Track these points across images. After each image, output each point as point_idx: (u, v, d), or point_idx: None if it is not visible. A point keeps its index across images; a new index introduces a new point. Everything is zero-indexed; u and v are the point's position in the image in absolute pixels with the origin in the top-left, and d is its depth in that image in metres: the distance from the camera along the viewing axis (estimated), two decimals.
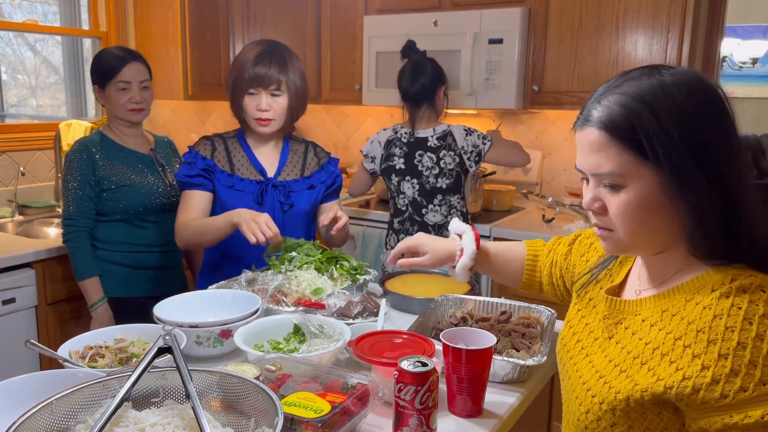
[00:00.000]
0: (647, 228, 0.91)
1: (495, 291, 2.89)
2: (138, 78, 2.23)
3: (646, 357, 0.90)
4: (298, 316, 1.41)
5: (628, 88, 0.89)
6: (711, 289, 0.87)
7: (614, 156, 0.88)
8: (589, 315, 1.09)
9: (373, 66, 3.19)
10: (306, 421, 1.00)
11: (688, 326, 0.87)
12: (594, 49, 2.79)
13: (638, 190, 0.88)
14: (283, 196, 1.94)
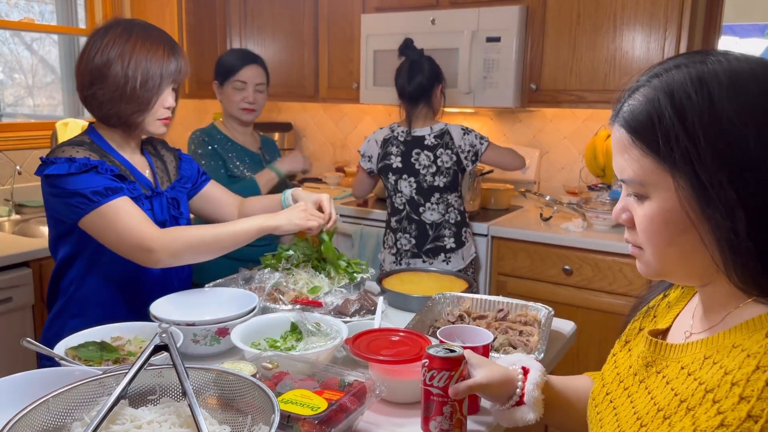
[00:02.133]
0: (677, 250, 0.76)
1: (493, 289, 2.90)
2: (254, 80, 2.40)
3: (671, 411, 0.75)
4: (295, 315, 1.41)
5: (663, 77, 0.75)
6: (765, 334, 0.71)
7: (636, 160, 0.75)
8: (625, 361, 0.93)
9: (371, 64, 3.19)
10: (303, 419, 1.00)
11: (723, 377, 0.70)
12: (592, 46, 2.79)
13: (661, 203, 0.74)
14: (175, 210, 1.66)
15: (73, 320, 1.54)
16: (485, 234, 2.88)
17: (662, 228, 0.75)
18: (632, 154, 0.75)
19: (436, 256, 2.66)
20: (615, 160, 0.80)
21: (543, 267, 2.76)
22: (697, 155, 0.70)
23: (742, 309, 0.76)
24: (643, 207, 0.76)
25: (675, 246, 0.75)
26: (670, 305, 0.94)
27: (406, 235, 2.68)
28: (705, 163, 0.70)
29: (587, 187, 3.09)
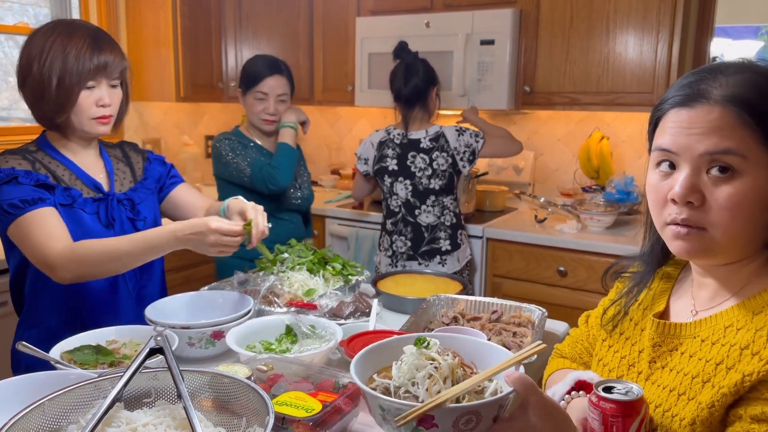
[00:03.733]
0: (751, 228, 0.83)
1: (488, 291, 2.91)
2: (276, 91, 2.41)
3: (708, 375, 0.84)
4: (290, 317, 1.42)
5: (756, 67, 0.84)
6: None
7: (739, 135, 0.80)
8: (624, 348, 1.01)
9: (366, 67, 3.20)
10: (297, 420, 1.01)
11: (756, 334, 0.81)
12: (585, 49, 2.81)
13: (755, 180, 0.80)
14: (130, 212, 1.58)
15: (30, 331, 1.53)
16: (480, 236, 2.89)
17: (751, 206, 0.81)
18: (736, 132, 0.80)
19: (431, 259, 2.67)
20: (696, 137, 0.82)
21: (538, 269, 2.77)
22: None
23: (754, 283, 0.86)
24: (732, 185, 0.80)
25: (751, 224, 0.82)
26: (654, 291, 1.02)
27: (401, 237, 2.69)
28: None
29: (581, 189, 3.10)
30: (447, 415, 0.79)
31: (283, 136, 2.43)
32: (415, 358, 0.87)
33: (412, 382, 0.85)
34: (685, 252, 0.87)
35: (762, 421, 0.77)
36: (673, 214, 0.85)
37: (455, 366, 0.87)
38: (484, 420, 0.81)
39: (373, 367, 0.94)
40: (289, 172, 2.38)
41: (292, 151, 2.42)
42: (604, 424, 0.86)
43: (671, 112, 0.86)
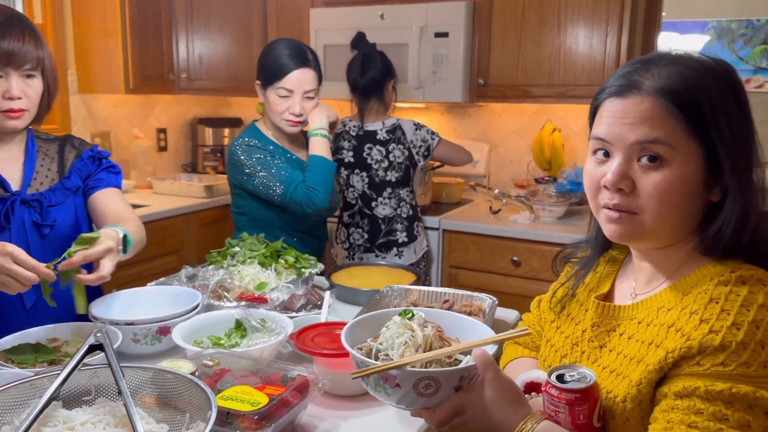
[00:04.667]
0: (679, 214, 0.86)
1: (445, 282, 2.93)
2: (304, 87, 2.01)
3: (642, 354, 0.87)
4: (240, 311, 1.40)
5: (687, 60, 0.86)
6: (709, 279, 0.85)
7: (668, 126, 0.83)
8: (570, 329, 1.05)
9: (321, 59, 3.16)
10: (242, 415, 0.99)
11: (681, 312, 0.84)
12: (537, 42, 2.84)
13: (682, 169, 0.84)
14: (37, 215, 1.45)
15: None
16: (437, 227, 2.90)
17: (678, 192, 0.84)
18: (665, 121, 0.83)
19: (388, 251, 2.67)
20: (628, 127, 0.85)
21: (492, 259, 2.80)
22: (729, 128, 0.83)
23: (685, 266, 0.90)
24: (660, 173, 0.84)
25: (679, 210, 0.86)
26: (600, 275, 1.06)
27: (358, 229, 2.69)
28: (734, 135, 0.83)
29: (534, 180, 3.15)
30: (407, 377, 0.88)
31: (315, 147, 2.02)
32: (398, 326, 0.96)
33: (391, 346, 0.95)
34: (617, 235, 0.91)
35: (684, 397, 0.79)
36: (605, 199, 0.89)
37: (431, 337, 0.94)
38: (444, 387, 0.89)
39: (372, 332, 1.03)
40: (328, 191, 1.99)
41: (328, 166, 2.02)
42: (571, 414, 0.87)
43: (607, 101, 0.90)
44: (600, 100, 0.91)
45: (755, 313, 0.79)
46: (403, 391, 0.90)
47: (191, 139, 3.85)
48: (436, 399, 0.90)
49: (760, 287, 0.82)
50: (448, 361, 0.93)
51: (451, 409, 0.91)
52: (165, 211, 2.96)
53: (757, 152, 0.88)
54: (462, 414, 0.91)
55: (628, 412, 0.87)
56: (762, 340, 0.77)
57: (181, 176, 3.50)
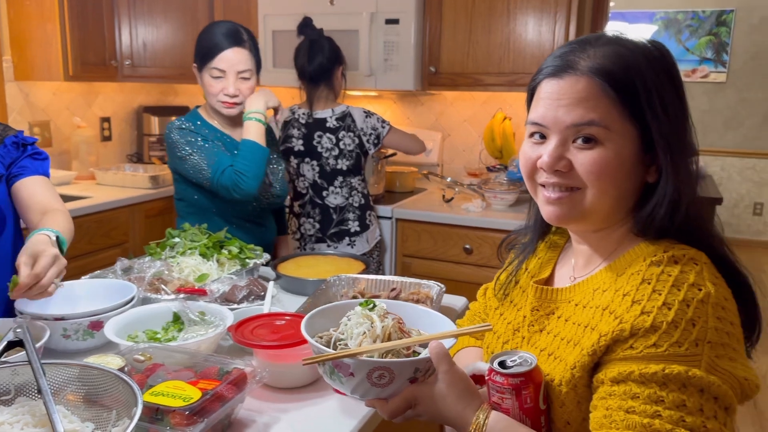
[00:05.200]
0: (617, 192, 0.86)
1: (398, 271, 2.91)
2: (236, 67, 1.96)
3: (579, 337, 0.87)
4: (178, 304, 1.35)
5: (624, 41, 0.86)
6: (643, 259, 0.85)
7: (602, 106, 0.83)
8: (512, 315, 1.04)
9: (270, 45, 3.10)
10: (173, 410, 0.95)
11: (614, 294, 0.84)
12: (487, 30, 2.84)
13: (617, 149, 0.84)
14: None
15: None
16: (390, 217, 2.88)
17: (614, 170, 0.84)
18: (600, 102, 0.83)
19: (340, 240, 2.64)
20: (564, 108, 0.85)
21: (445, 247, 2.80)
22: (663, 108, 0.83)
23: (622, 246, 0.90)
24: (595, 151, 0.84)
25: (617, 188, 0.86)
26: (542, 260, 1.06)
27: (309, 219, 2.64)
28: (668, 114, 0.83)
29: (486, 169, 3.16)
30: (361, 366, 0.87)
31: (247, 131, 1.96)
32: (358, 317, 0.95)
33: (350, 336, 0.94)
34: (555, 217, 0.90)
35: (620, 382, 0.79)
36: (543, 178, 0.90)
37: (390, 329, 0.93)
38: (398, 378, 0.88)
39: (335, 323, 1.01)
40: (257, 176, 1.92)
41: (259, 151, 1.94)
42: (518, 399, 0.86)
43: (543, 82, 0.89)
44: (537, 81, 0.91)
45: (685, 292, 0.79)
46: (356, 381, 0.89)
47: (136, 129, 3.72)
48: (390, 390, 0.89)
49: (691, 266, 0.82)
50: (406, 352, 0.93)
51: (403, 401, 0.90)
52: (108, 202, 2.85)
53: (691, 135, 0.88)
54: (415, 406, 0.90)
55: (563, 396, 0.87)
56: (692, 318, 0.77)
57: (125, 166, 3.38)
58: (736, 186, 5.88)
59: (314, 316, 1.02)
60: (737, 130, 5.79)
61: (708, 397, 0.75)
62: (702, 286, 0.79)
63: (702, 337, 0.76)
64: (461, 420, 0.88)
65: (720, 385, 0.75)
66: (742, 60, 5.67)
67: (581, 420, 0.86)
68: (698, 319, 0.77)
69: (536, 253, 1.08)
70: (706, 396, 0.75)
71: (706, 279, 0.80)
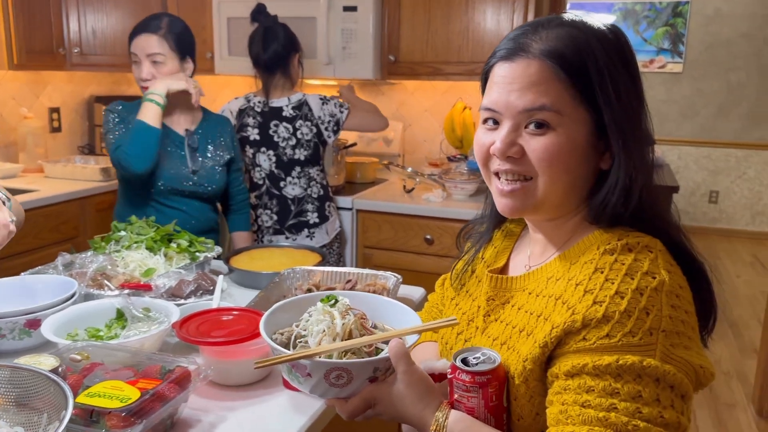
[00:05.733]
0: (570, 179, 0.84)
1: (359, 262, 2.88)
2: (146, 51, 2.03)
3: (531, 327, 0.85)
4: (121, 300, 1.29)
5: (575, 22, 0.84)
6: (596, 247, 0.84)
7: (555, 90, 0.81)
8: (467, 305, 1.02)
9: (225, 33, 3.02)
10: (109, 412, 0.90)
11: (567, 283, 0.83)
12: (446, 19, 2.81)
13: (570, 134, 0.82)
14: None
15: None
16: (350, 207, 2.85)
17: (567, 156, 0.82)
18: (552, 86, 0.81)
19: (299, 232, 2.59)
20: (516, 93, 0.83)
21: (406, 237, 2.78)
22: (621, 91, 0.81)
23: (577, 234, 0.89)
24: (547, 137, 0.82)
25: (570, 174, 0.84)
26: (498, 249, 1.04)
27: (267, 211, 2.59)
28: (621, 98, 0.81)
29: (447, 158, 3.15)
30: (317, 367, 0.84)
31: (140, 112, 1.99)
32: (319, 313, 0.92)
33: (310, 333, 0.91)
34: (509, 210, 0.89)
35: (574, 375, 0.77)
36: (496, 165, 0.87)
37: (350, 326, 0.90)
38: (356, 378, 0.85)
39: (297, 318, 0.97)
40: (143, 156, 1.95)
41: (147, 131, 1.97)
42: (484, 397, 0.84)
43: (496, 66, 0.87)
44: (490, 65, 0.89)
45: (639, 280, 0.77)
46: (314, 381, 0.86)
47: (88, 119, 3.59)
48: (349, 389, 0.87)
49: (646, 254, 0.80)
50: (367, 350, 0.90)
51: (362, 401, 0.87)
52: (57, 195, 2.74)
53: (646, 121, 0.86)
54: (374, 406, 0.88)
55: (515, 388, 0.85)
56: (646, 306, 0.75)
57: (76, 158, 3.26)
58: (692, 174, 6.01)
59: (276, 312, 0.99)
60: (693, 120, 5.92)
61: (664, 387, 0.74)
62: (656, 273, 0.78)
63: (656, 325, 0.75)
64: (421, 421, 0.86)
65: (676, 374, 0.74)
66: (697, 51, 5.79)
67: (534, 415, 0.84)
68: (652, 308, 0.76)
69: (492, 242, 1.07)
70: (662, 385, 0.74)
71: (660, 267, 0.79)
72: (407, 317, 0.99)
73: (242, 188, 2.33)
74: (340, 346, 0.87)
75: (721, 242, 5.75)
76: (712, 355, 3.54)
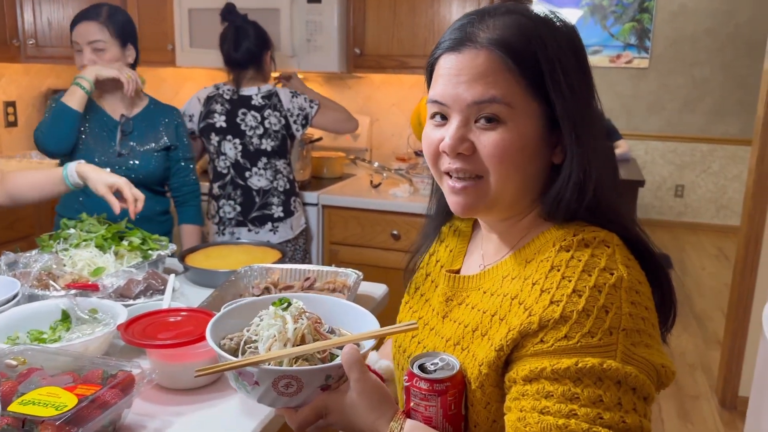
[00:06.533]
0: (522, 175, 0.81)
1: (326, 259, 2.85)
2: (86, 38, 2.05)
3: (485, 327, 0.81)
4: (66, 301, 1.24)
5: (522, 10, 0.81)
6: (552, 244, 0.80)
7: (504, 81, 0.77)
8: (422, 308, 0.98)
9: (186, 24, 2.95)
10: (42, 421, 0.86)
11: (524, 282, 0.79)
12: (411, 12, 2.79)
13: (520, 128, 0.78)
14: None
15: None
16: (316, 203, 2.81)
17: (518, 152, 0.78)
18: (500, 77, 0.77)
19: (262, 225, 2.54)
20: (464, 85, 0.79)
21: (373, 233, 2.75)
22: (572, 81, 0.78)
23: (532, 231, 0.86)
24: (497, 132, 0.78)
25: (521, 171, 0.80)
26: (453, 250, 0.99)
27: (230, 201, 2.53)
28: (572, 87, 0.78)
29: (414, 153, 3.12)
30: (265, 375, 0.79)
31: (66, 95, 2.05)
32: (270, 317, 0.87)
33: (261, 338, 0.86)
34: (461, 208, 0.84)
35: (532, 380, 0.73)
36: (446, 164, 0.83)
37: (302, 331, 0.85)
38: (307, 387, 0.81)
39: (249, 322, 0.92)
40: (59, 137, 2.00)
41: (66, 113, 2.00)
42: (443, 406, 0.79)
43: (442, 58, 0.83)
44: (435, 56, 0.84)
45: (596, 277, 0.74)
46: (262, 390, 0.81)
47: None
48: (300, 398, 0.82)
49: (603, 249, 0.77)
50: (321, 357, 0.86)
51: (312, 411, 0.82)
52: None
53: (598, 112, 0.84)
54: (326, 416, 0.83)
55: (471, 393, 0.81)
56: (605, 305, 0.72)
57: (32, 154, 3.16)
58: (659, 169, 6.10)
59: (226, 315, 0.93)
60: (660, 115, 6.00)
61: (626, 389, 0.71)
62: (614, 269, 0.75)
63: (616, 324, 0.72)
64: (374, 431, 0.81)
65: (637, 375, 0.71)
66: (663, 46, 5.86)
67: (491, 422, 0.81)
68: (611, 306, 0.72)
69: (445, 243, 1.03)
70: (624, 388, 0.70)
71: (618, 262, 0.76)
72: (365, 321, 0.94)
73: (190, 180, 2.26)
74: (291, 352, 0.82)
75: (686, 235, 5.84)
76: (677, 348, 3.59)
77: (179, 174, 2.21)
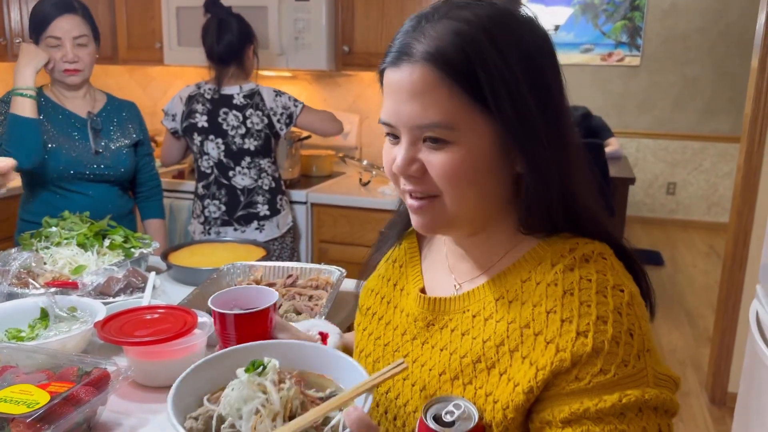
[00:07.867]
0: (477, 191, 0.74)
1: (315, 257, 2.85)
2: (71, 33, 1.97)
3: (491, 359, 0.75)
4: (45, 299, 1.23)
5: (462, 12, 0.71)
6: (550, 263, 0.75)
7: (443, 100, 0.70)
8: (386, 334, 0.89)
9: (174, 22, 2.94)
10: (13, 418, 0.85)
11: (534, 309, 0.73)
12: (400, 9, 2.78)
13: (470, 146, 0.71)
14: None
15: None
16: (304, 201, 2.80)
17: (469, 169, 0.72)
18: (438, 95, 0.70)
19: (248, 224, 2.53)
20: (404, 105, 0.72)
21: (362, 231, 2.75)
22: (517, 92, 0.70)
23: (516, 248, 0.79)
24: (445, 153, 0.72)
25: (477, 187, 0.74)
26: (404, 266, 0.92)
27: (215, 201, 2.53)
28: (522, 94, 0.70)
29: None
30: None
31: (12, 106, 1.91)
32: (244, 387, 0.72)
33: (239, 414, 0.70)
34: (422, 227, 0.79)
35: (573, 423, 0.68)
36: (402, 184, 0.78)
37: (290, 398, 0.72)
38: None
39: (209, 386, 0.77)
40: (26, 151, 1.88)
41: (24, 125, 1.89)
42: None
43: (386, 72, 0.76)
44: (382, 68, 0.77)
45: (612, 297, 0.70)
46: None
47: None
48: None
49: (602, 263, 0.74)
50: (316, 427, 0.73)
51: None
52: None
53: (566, 119, 0.76)
54: None
55: None
56: (629, 329, 0.69)
57: None
58: (650, 166, 6.11)
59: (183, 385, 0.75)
60: (651, 113, 6.01)
61: (661, 413, 0.69)
62: (622, 286, 0.72)
63: (641, 347, 0.69)
64: None
65: (671, 398, 0.69)
66: (654, 44, 5.87)
67: None
68: (634, 327, 0.69)
69: (392, 257, 0.95)
70: (660, 412, 0.69)
71: (620, 275, 0.74)
72: (346, 367, 0.80)
73: (153, 174, 2.26)
74: (293, 429, 0.68)
75: (678, 233, 5.86)
76: (668, 345, 3.60)
77: (145, 169, 2.22)
